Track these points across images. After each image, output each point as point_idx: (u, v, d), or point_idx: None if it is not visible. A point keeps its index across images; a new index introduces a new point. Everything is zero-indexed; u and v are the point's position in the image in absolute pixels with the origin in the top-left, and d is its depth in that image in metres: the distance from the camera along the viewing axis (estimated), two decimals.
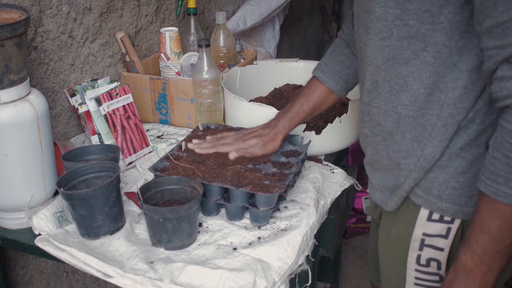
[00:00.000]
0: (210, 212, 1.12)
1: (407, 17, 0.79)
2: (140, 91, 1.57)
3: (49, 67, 1.38)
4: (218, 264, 0.96)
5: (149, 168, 1.14)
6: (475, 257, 0.77)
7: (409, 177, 0.87)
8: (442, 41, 0.78)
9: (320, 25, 3.96)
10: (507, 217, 0.72)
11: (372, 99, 0.90)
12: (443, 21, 0.76)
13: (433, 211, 0.87)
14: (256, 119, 1.37)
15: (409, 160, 0.87)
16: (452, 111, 0.81)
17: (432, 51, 0.79)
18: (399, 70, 0.83)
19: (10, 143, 1.03)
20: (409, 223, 0.91)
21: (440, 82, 0.80)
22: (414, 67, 0.81)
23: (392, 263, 0.98)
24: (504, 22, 0.67)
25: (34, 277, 1.45)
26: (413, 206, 0.89)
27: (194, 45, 1.76)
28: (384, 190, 0.94)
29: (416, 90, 0.82)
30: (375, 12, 0.83)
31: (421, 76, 0.81)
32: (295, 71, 1.74)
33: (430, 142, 0.84)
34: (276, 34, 2.70)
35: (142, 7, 1.72)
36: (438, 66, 0.79)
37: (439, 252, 0.90)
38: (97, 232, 1.04)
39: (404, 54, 0.82)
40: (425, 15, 0.77)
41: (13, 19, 1.01)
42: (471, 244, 0.77)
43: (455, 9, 0.75)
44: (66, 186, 1.06)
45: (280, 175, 1.10)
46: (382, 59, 0.85)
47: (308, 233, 1.06)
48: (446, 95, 0.81)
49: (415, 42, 0.80)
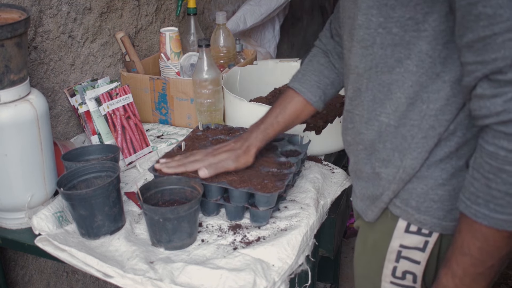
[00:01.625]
0: (210, 212, 1.12)
1: (390, 25, 0.77)
2: (140, 91, 1.57)
3: (49, 67, 1.38)
4: (218, 264, 0.96)
5: (149, 168, 1.14)
6: (456, 279, 0.76)
7: (389, 189, 0.85)
8: (425, 50, 0.76)
9: (320, 25, 3.96)
10: (487, 239, 0.71)
11: (354, 107, 0.88)
12: (428, 29, 0.75)
13: (411, 223, 0.85)
14: (256, 119, 1.37)
15: (389, 170, 0.85)
16: (433, 122, 0.79)
17: (416, 59, 0.77)
18: (382, 78, 0.81)
19: (10, 143, 1.03)
20: (387, 233, 0.88)
21: (422, 92, 0.78)
22: (399, 75, 0.79)
23: (367, 275, 0.96)
24: (485, 37, 0.64)
25: (34, 277, 1.45)
26: (391, 217, 0.87)
27: (194, 45, 1.76)
28: (365, 199, 0.92)
29: (399, 99, 0.80)
30: (358, 20, 0.81)
31: (404, 85, 0.79)
32: (295, 71, 1.74)
33: (410, 153, 0.82)
34: (276, 34, 2.70)
35: (142, 7, 1.72)
36: (421, 76, 0.78)
37: (416, 265, 0.87)
38: (97, 232, 1.04)
39: (388, 62, 0.80)
40: (409, 23, 0.75)
41: (13, 19, 1.01)
42: (451, 266, 0.76)
43: (440, 17, 0.74)
44: (66, 186, 1.06)
45: (280, 175, 1.10)
46: (365, 67, 0.83)
47: (308, 233, 1.06)
48: (428, 106, 0.79)
49: (399, 49, 0.78)
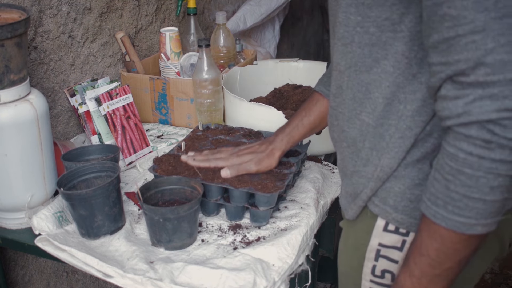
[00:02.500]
0: (210, 212, 1.12)
1: (367, 24, 0.77)
2: (140, 91, 1.57)
3: (49, 67, 1.38)
4: (218, 264, 0.96)
5: (149, 168, 1.14)
6: (414, 278, 0.75)
7: (367, 186, 0.85)
8: (401, 51, 0.76)
9: (320, 25, 3.96)
10: (445, 241, 0.71)
11: (338, 104, 0.89)
12: (404, 30, 0.75)
13: (389, 222, 0.85)
14: (256, 119, 1.38)
15: (368, 168, 0.85)
16: (410, 123, 0.79)
17: (392, 60, 0.77)
18: (361, 77, 0.82)
19: (10, 143, 1.03)
20: (366, 232, 0.88)
21: (399, 92, 0.79)
22: (376, 75, 0.80)
23: (349, 273, 0.96)
24: (449, 38, 0.64)
25: (34, 277, 1.45)
26: (370, 215, 0.87)
27: (194, 45, 1.76)
28: (348, 196, 0.92)
29: (376, 99, 0.81)
30: (338, 17, 0.81)
31: (382, 85, 0.79)
32: (295, 71, 1.74)
33: (387, 153, 0.82)
34: (276, 34, 2.70)
35: (142, 7, 1.72)
36: (397, 77, 0.78)
37: (394, 264, 0.87)
38: (97, 232, 1.04)
39: (365, 62, 0.80)
40: (385, 23, 0.75)
41: (13, 19, 1.01)
42: (409, 265, 0.76)
43: (415, 18, 0.74)
44: (66, 186, 1.06)
45: (280, 175, 1.10)
46: (345, 65, 0.83)
47: (308, 233, 1.06)
48: (404, 106, 0.79)
49: (376, 49, 0.78)
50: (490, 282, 2.32)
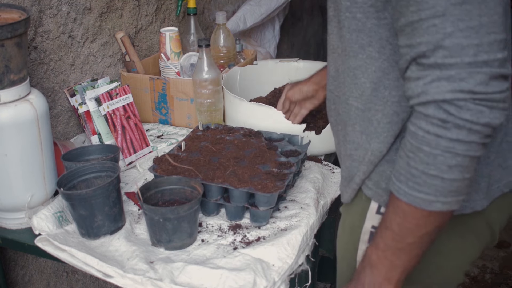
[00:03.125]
0: (210, 212, 1.12)
1: (355, 10, 0.79)
2: (140, 91, 1.57)
3: (49, 67, 1.38)
4: (218, 264, 0.96)
5: (149, 168, 1.14)
6: (379, 251, 0.78)
7: (360, 170, 0.88)
8: (386, 37, 0.78)
9: (320, 25, 3.96)
10: (406, 216, 0.74)
11: (336, 87, 0.91)
12: (387, 17, 0.77)
13: (381, 205, 0.87)
14: (256, 119, 1.38)
15: (359, 152, 0.87)
16: (396, 108, 0.81)
17: (377, 46, 0.80)
18: (349, 62, 0.84)
19: (10, 143, 1.03)
20: (361, 215, 0.91)
21: (385, 78, 0.81)
22: (362, 61, 0.82)
23: (345, 256, 0.99)
24: (413, 22, 0.68)
25: (34, 277, 1.45)
26: (365, 198, 0.90)
27: (194, 45, 1.76)
28: (343, 180, 0.95)
29: (363, 84, 0.83)
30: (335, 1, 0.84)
31: (368, 70, 0.82)
32: (295, 71, 1.74)
33: (376, 137, 0.84)
34: (276, 34, 2.70)
35: (142, 7, 1.72)
36: (383, 62, 0.80)
37: None
38: (97, 232, 1.04)
39: (353, 47, 0.82)
40: (370, 10, 0.77)
41: (13, 19, 1.01)
42: (376, 239, 0.79)
43: None
44: (66, 186, 1.06)
45: (280, 175, 1.10)
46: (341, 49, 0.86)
47: (308, 233, 1.06)
48: (390, 92, 0.81)
49: (362, 36, 0.80)
50: (490, 282, 2.32)
